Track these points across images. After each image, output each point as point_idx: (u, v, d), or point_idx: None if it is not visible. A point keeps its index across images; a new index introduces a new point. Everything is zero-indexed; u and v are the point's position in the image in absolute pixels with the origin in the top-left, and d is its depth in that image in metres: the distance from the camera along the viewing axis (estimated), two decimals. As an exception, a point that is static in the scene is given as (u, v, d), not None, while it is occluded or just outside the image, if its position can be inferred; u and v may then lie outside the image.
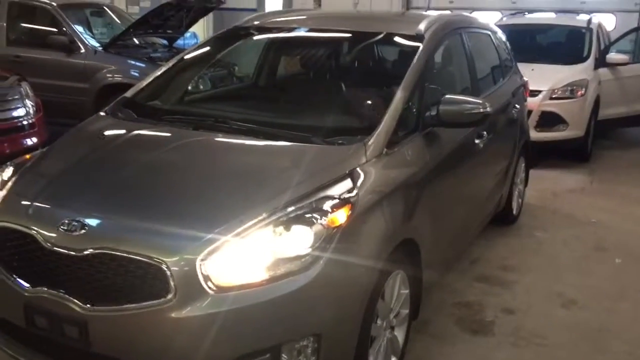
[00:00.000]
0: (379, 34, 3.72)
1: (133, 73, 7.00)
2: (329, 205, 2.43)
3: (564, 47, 8.18)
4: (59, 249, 2.35)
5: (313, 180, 2.55)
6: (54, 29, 7.27)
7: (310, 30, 3.95)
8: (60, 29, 7.22)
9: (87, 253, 2.30)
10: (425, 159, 3.11)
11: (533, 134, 5.98)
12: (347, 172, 2.62)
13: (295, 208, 2.39)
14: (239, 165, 2.80)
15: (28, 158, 3.08)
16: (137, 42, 7.80)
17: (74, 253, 2.32)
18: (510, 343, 3.36)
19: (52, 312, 2.36)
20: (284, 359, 2.30)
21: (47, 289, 2.36)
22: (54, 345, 2.44)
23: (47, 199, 2.62)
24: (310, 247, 2.32)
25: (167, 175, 2.74)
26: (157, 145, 3.05)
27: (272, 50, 4.32)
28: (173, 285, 2.20)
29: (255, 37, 4.04)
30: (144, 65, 7.02)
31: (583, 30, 7.93)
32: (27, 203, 2.60)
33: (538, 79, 6.54)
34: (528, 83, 5.45)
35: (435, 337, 3.36)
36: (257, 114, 3.30)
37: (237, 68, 5.45)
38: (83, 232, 2.35)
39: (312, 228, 2.34)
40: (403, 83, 3.12)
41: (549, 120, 6.92)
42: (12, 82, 5.52)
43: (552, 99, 6.94)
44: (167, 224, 2.36)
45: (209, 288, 2.22)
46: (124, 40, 7.40)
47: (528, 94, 5.48)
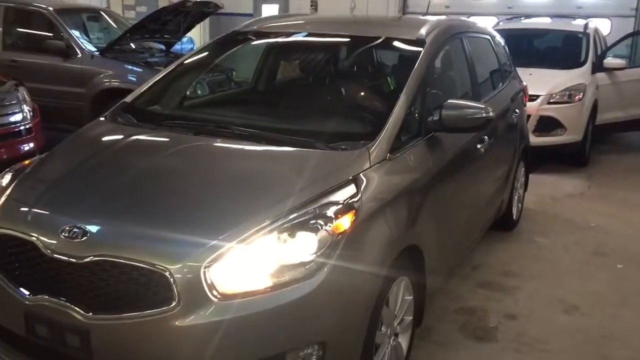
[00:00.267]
0: (381, 39, 3.70)
1: (130, 78, 6.97)
2: (334, 211, 2.40)
3: (561, 51, 8.20)
4: (60, 256, 2.32)
5: (317, 186, 2.52)
6: (51, 34, 7.23)
7: (312, 35, 3.92)
8: (57, 34, 7.18)
9: (88, 260, 2.27)
10: (428, 165, 3.09)
11: (531, 139, 5.97)
12: (350, 177, 2.60)
13: (300, 214, 2.36)
14: (242, 171, 2.77)
15: (27, 164, 3.05)
16: (134, 46, 7.77)
17: (75, 260, 2.29)
18: (514, 349, 3.34)
19: (53, 320, 2.32)
20: (289, 367, 2.27)
21: (47, 297, 2.32)
22: (55, 355, 2.39)
23: (47, 205, 2.59)
24: (315, 253, 2.29)
25: (169, 181, 2.71)
26: (158, 151, 3.03)
27: (273, 55, 4.29)
28: (177, 293, 2.17)
29: (257, 41, 4.01)
30: (141, 70, 7.00)
31: (580, 35, 7.94)
32: (27, 209, 2.57)
33: (536, 84, 6.54)
34: (527, 88, 5.45)
35: (439, 344, 3.33)
36: (260, 119, 3.28)
37: (235, 73, 5.42)
38: (84, 239, 2.32)
39: (316, 234, 2.31)
40: (405, 88, 3.10)
41: (547, 125, 6.92)
42: (9, 87, 5.47)
43: (550, 104, 6.95)
44: (170, 231, 2.33)
45: (213, 296, 2.19)
46: (121, 45, 7.37)
47: (527, 99, 5.48)
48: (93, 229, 2.36)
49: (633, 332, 3.60)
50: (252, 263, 2.25)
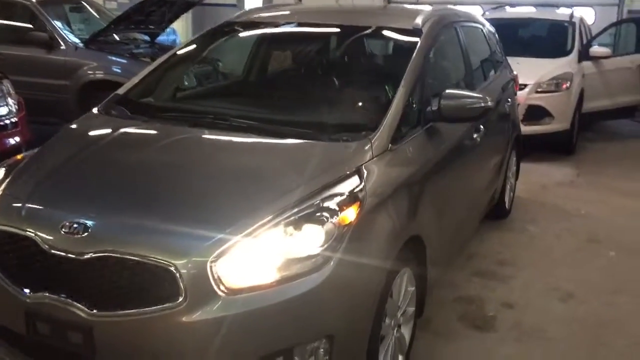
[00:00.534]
0: (378, 29, 3.67)
1: (115, 69, 6.86)
2: (339, 203, 2.38)
3: (548, 40, 8.23)
4: (60, 252, 2.26)
5: (321, 178, 2.49)
6: (34, 26, 7.09)
7: (308, 25, 3.88)
8: (40, 26, 7.04)
9: (90, 256, 2.22)
10: (428, 155, 3.08)
11: (521, 128, 5.98)
12: (354, 169, 2.58)
13: (305, 206, 2.33)
14: (244, 163, 2.73)
15: (20, 158, 2.98)
16: (118, 38, 7.65)
17: (76, 256, 2.24)
18: (514, 338, 3.35)
19: (54, 318, 2.27)
20: (296, 362, 2.25)
21: (48, 294, 2.27)
22: (57, 353, 2.35)
23: (45, 200, 2.53)
24: (322, 246, 2.26)
25: (170, 175, 2.65)
26: (156, 144, 2.96)
27: (269, 45, 4.23)
28: (183, 289, 2.13)
29: (252, 32, 3.96)
30: (126, 62, 6.90)
31: (566, 24, 7.99)
32: (23, 205, 2.50)
33: (524, 73, 6.54)
34: (517, 77, 5.45)
35: (439, 334, 3.33)
36: (259, 111, 3.23)
37: (221, 64, 5.35)
38: (86, 234, 2.27)
39: (323, 227, 2.28)
40: (404, 78, 3.08)
41: (536, 114, 6.96)
42: (-7, 80, 5.35)
43: (538, 93, 6.98)
44: (174, 225, 2.28)
45: (220, 290, 2.15)
46: (105, 36, 7.25)
47: (517, 88, 5.49)
48: (94, 224, 2.30)
49: (629, 318, 3.63)
50: (258, 257, 2.22)
